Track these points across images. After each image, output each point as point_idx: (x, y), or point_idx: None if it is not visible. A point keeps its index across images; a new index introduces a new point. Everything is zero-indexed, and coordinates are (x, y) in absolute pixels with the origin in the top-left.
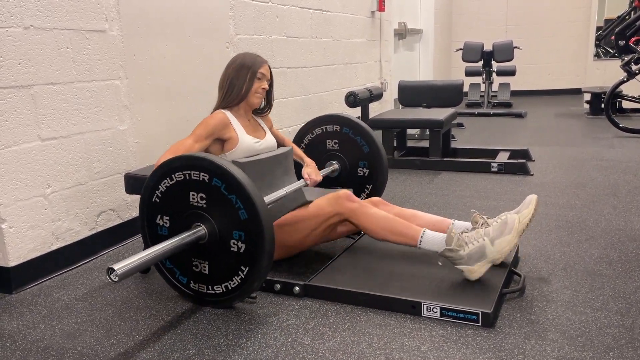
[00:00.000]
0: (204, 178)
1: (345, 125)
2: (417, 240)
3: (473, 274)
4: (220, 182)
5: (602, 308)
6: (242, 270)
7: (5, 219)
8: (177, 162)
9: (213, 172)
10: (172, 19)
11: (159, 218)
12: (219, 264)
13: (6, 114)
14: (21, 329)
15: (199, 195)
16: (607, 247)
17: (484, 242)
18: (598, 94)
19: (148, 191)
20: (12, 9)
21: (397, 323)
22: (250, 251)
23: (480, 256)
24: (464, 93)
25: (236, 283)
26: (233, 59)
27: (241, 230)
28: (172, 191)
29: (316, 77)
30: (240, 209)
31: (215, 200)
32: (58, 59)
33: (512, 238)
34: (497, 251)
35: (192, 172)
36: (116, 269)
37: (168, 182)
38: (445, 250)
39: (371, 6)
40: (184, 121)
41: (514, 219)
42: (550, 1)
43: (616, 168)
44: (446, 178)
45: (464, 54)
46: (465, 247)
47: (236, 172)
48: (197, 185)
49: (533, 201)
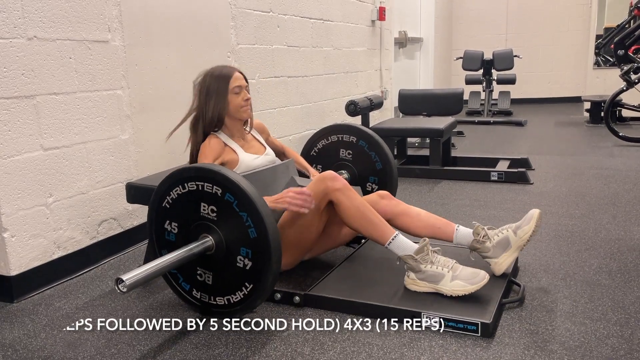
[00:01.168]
0: (216, 191)
1: (362, 138)
2: (387, 241)
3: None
4: (232, 198)
5: (601, 319)
6: (247, 287)
7: (7, 228)
8: (191, 172)
9: (226, 187)
10: (174, 29)
11: (167, 223)
12: (224, 276)
13: (9, 124)
14: (22, 338)
15: (210, 208)
16: (606, 257)
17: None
18: (598, 102)
19: (159, 196)
20: (16, 20)
21: (396, 333)
22: (256, 269)
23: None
24: (464, 101)
25: (239, 298)
26: (202, 81)
27: (249, 248)
28: (183, 199)
29: (317, 86)
30: (250, 227)
31: (225, 214)
32: (61, 69)
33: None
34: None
35: (206, 184)
36: (125, 279)
37: (180, 190)
38: (409, 257)
39: (372, 15)
40: (186, 131)
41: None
42: (550, 10)
43: (616, 177)
44: (446, 187)
45: (464, 63)
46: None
47: (250, 190)
48: (209, 198)
49: (534, 218)
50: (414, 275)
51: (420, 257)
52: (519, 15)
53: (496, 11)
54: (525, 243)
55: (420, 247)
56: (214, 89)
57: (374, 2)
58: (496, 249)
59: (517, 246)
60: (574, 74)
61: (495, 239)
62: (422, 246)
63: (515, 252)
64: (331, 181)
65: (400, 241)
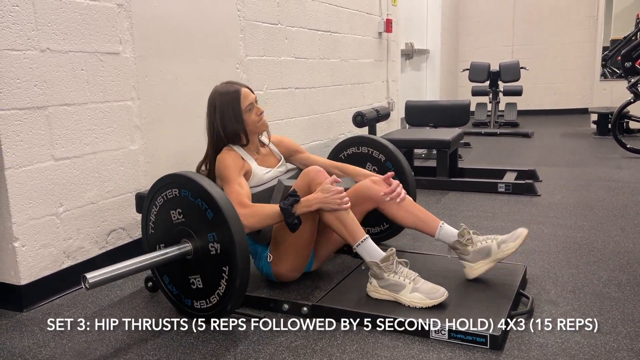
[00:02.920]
0: (175, 193)
1: (390, 159)
2: (356, 242)
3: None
4: (186, 191)
5: (611, 332)
6: (224, 271)
7: (18, 237)
8: (154, 189)
9: (178, 183)
10: (183, 41)
11: (158, 248)
12: (208, 273)
13: (22, 135)
14: (32, 347)
15: (177, 211)
16: (615, 269)
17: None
18: (605, 114)
19: (144, 226)
20: (30, 32)
21: (405, 345)
22: (225, 249)
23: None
24: (470, 113)
25: (224, 287)
26: (212, 101)
27: (212, 230)
28: (159, 218)
29: (324, 97)
30: (206, 210)
31: (187, 210)
32: (73, 81)
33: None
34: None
35: (167, 190)
36: (88, 277)
37: (155, 210)
38: (374, 263)
39: (379, 27)
40: (194, 141)
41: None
42: (556, 22)
43: (624, 189)
44: (453, 198)
45: (471, 74)
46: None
47: (192, 174)
48: (173, 202)
49: (521, 237)
50: (376, 282)
51: (385, 265)
52: (525, 27)
53: (502, 23)
54: (504, 257)
55: (386, 256)
56: (227, 110)
57: (381, 14)
58: (476, 255)
59: (497, 258)
60: (580, 85)
61: (478, 246)
62: (388, 255)
63: (493, 262)
64: (315, 175)
65: (368, 246)
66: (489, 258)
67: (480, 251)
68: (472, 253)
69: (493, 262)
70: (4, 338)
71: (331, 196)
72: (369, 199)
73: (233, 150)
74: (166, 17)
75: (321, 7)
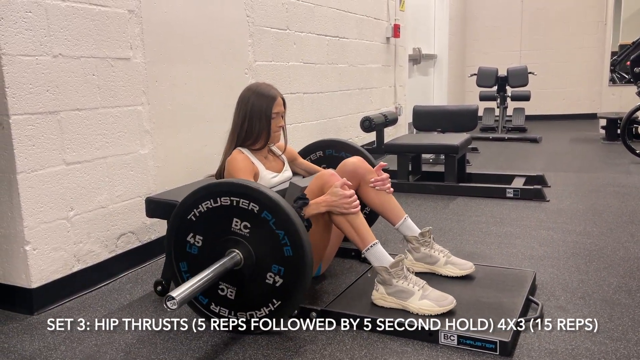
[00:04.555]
0: (253, 208)
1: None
2: (365, 247)
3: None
4: (270, 216)
5: (621, 338)
6: (274, 304)
7: (29, 241)
8: (225, 186)
9: (264, 204)
10: (193, 47)
11: (190, 236)
12: (249, 292)
13: (34, 139)
14: (42, 351)
15: (243, 224)
16: (625, 275)
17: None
18: (614, 119)
19: (184, 208)
20: (42, 38)
21: (414, 350)
22: (286, 287)
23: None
24: (478, 118)
25: (264, 314)
26: (246, 96)
27: (282, 266)
28: (213, 213)
29: (332, 102)
30: (286, 246)
31: (260, 231)
32: (84, 86)
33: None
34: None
35: (242, 200)
36: (174, 296)
37: (211, 204)
38: (383, 269)
39: (386, 33)
40: (203, 146)
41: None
42: (564, 27)
43: (633, 195)
44: (462, 203)
45: (479, 79)
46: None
47: (289, 210)
48: (243, 214)
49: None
50: (384, 289)
51: (394, 271)
52: (533, 32)
53: (510, 28)
54: (442, 274)
55: (396, 262)
56: (257, 110)
57: (388, 19)
58: (423, 256)
59: (432, 269)
60: (588, 90)
61: (431, 251)
62: (397, 261)
63: (428, 269)
64: (328, 178)
65: (377, 250)
66: (429, 265)
67: (428, 257)
68: (422, 253)
69: (429, 270)
70: (15, 341)
71: (339, 199)
72: (354, 175)
73: (243, 153)
74: (176, 23)
75: (329, 13)
